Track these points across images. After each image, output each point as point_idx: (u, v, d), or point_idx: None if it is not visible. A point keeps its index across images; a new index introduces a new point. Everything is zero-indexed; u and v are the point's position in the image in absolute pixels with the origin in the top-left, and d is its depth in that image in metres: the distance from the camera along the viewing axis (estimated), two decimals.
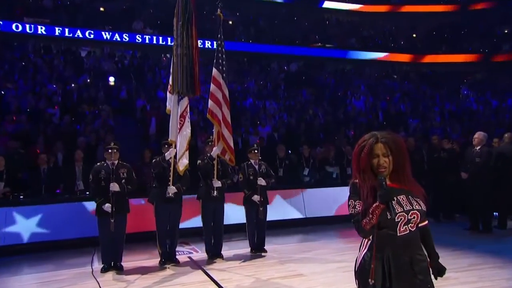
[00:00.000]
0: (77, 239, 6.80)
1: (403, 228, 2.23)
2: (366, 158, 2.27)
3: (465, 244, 6.56)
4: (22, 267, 5.87)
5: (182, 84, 5.21)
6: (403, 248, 2.24)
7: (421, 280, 2.24)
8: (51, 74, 14.22)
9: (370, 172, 2.27)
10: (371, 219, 2.17)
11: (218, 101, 5.98)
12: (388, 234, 2.22)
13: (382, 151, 2.26)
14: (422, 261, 2.28)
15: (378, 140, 2.27)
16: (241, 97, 14.73)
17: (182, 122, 5.35)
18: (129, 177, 5.70)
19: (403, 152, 2.31)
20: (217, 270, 5.60)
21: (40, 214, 6.77)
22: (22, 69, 14.32)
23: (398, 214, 2.20)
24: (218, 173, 6.15)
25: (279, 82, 17.20)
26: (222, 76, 6.06)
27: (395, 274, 2.21)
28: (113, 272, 5.53)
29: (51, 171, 7.43)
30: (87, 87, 13.48)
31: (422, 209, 2.28)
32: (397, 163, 2.28)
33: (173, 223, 5.95)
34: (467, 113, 16.60)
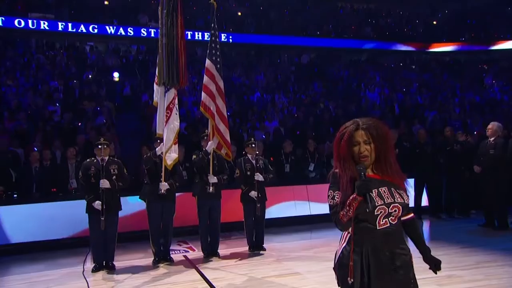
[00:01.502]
0: (70, 239, 6.89)
1: (383, 221, 2.19)
2: (346, 145, 2.23)
3: (476, 241, 6.45)
4: (11, 268, 5.97)
5: (167, 75, 5.21)
6: (383, 242, 2.19)
7: (402, 275, 2.20)
8: (53, 70, 14.45)
9: (350, 161, 2.23)
10: (348, 212, 2.14)
11: (212, 93, 5.97)
12: (367, 227, 2.19)
13: (363, 139, 2.22)
14: (403, 255, 2.23)
15: (359, 127, 2.23)
16: (249, 91, 14.74)
17: (168, 115, 5.35)
18: (120, 173, 5.74)
19: (386, 139, 2.26)
20: (211, 269, 5.61)
21: (33, 213, 6.86)
22: (24, 66, 14.60)
23: (378, 207, 2.16)
24: (214, 168, 6.15)
25: (289, 75, 17.13)
26: (216, 67, 6.05)
27: (374, 270, 2.17)
28: (104, 271, 5.59)
29: (43, 170, 7.52)
30: (90, 84, 13.64)
31: (404, 202, 2.24)
32: (380, 151, 2.23)
33: (166, 221, 5.97)
34: (490, 103, 16.25)
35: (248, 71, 16.63)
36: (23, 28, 17.14)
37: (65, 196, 7.33)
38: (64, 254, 6.54)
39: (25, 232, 6.76)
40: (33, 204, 7.01)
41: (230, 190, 7.18)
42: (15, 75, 13.65)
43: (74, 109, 11.71)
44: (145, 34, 19.06)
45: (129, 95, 13.85)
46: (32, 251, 6.65)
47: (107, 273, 5.56)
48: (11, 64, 14.48)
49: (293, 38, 20.67)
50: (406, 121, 12.84)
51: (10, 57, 15.09)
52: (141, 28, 19.12)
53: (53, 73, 14.18)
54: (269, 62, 18.36)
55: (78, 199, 6.86)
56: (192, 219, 6.87)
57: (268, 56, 19.17)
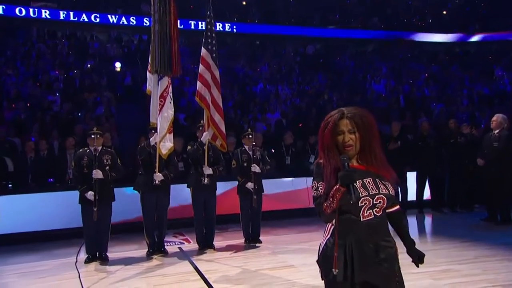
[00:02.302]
0: (66, 229, 6.92)
1: (367, 213, 2.16)
2: (330, 134, 2.20)
3: (476, 236, 6.40)
4: (5, 258, 6.01)
5: (160, 62, 5.19)
6: (367, 234, 2.17)
7: (386, 268, 2.16)
8: (54, 60, 14.48)
9: (335, 151, 2.20)
10: (331, 203, 2.10)
11: (207, 83, 5.95)
12: (350, 219, 2.16)
13: (348, 128, 2.18)
14: (388, 248, 2.20)
15: (344, 116, 2.20)
16: (252, 82, 14.69)
17: (162, 103, 5.34)
18: (113, 163, 5.75)
19: (372, 129, 2.22)
20: (205, 261, 5.62)
21: (29, 204, 6.92)
22: (25, 55, 14.64)
23: (362, 198, 2.14)
24: (209, 159, 6.14)
25: (293, 66, 17.04)
26: (212, 56, 6.02)
27: (358, 262, 2.15)
28: (97, 262, 5.62)
29: (39, 160, 7.55)
30: (90, 73, 13.66)
31: (389, 193, 2.20)
32: (365, 141, 2.20)
33: (160, 212, 5.98)
34: (499, 96, 16.06)
35: (252, 62, 16.56)
36: (24, 16, 17.14)
37: (62, 186, 7.37)
38: (59, 245, 6.59)
39: (20, 222, 6.81)
40: (28, 194, 7.06)
41: (228, 182, 7.19)
42: (16, 65, 13.70)
43: (74, 99, 11.74)
44: (147, 24, 18.90)
45: (130, 85, 13.84)
46: (28, 241, 6.71)
47: (100, 264, 5.59)
48: (12, 53, 14.53)
49: (298, 28, 20.51)
50: (411, 113, 12.75)
51: (11, 46, 15.13)
52: (143, 17, 19.03)
53: (53, 62, 14.20)
54: (273, 52, 18.26)
55: (74, 190, 6.90)
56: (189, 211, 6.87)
57: (272, 47, 19.06)
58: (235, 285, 4.63)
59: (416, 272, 4.79)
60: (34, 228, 6.87)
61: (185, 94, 12.58)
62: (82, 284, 4.73)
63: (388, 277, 2.18)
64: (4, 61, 13.74)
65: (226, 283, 4.70)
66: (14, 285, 4.86)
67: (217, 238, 6.49)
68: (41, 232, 6.90)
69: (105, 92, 12.16)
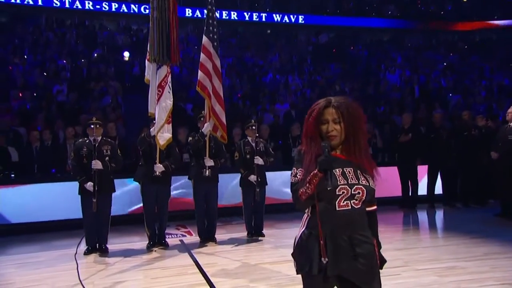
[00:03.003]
0: (69, 220, 6.97)
1: (344, 203, 2.12)
2: (314, 122, 2.17)
3: (488, 232, 6.29)
4: (5, 248, 6.09)
5: (158, 50, 5.15)
6: (342, 225, 2.12)
7: (363, 264, 2.11)
8: (62, 49, 14.56)
9: (318, 140, 2.17)
10: (307, 189, 2.08)
11: (208, 72, 5.89)
12: (326, 208, 2.12)
13: (333, 117, 2.15)
14: (365, 243, 2.15)
15: (330, 104, 2.17)
16: (262, 72, 14.60)
17: (160, 93, 5.30)
18: (113, 154, 5.76)
19: (358, 120, 2.18)
20: (205, 254, 5.62)
21: (31, 194, 6.99)
22: (33, 44, 14.75)
23: (340, 186, 2.10)
24: (211, 151, 6.11)
25: (305, 55, 16.87)
26: (213, 45, 5.95)
27: (331, 254, 2.10)
28: (96, 254, 5.66)
29: (44, 150, 7.62)
30: (98, 63, 13.71)
31: (370, 186, 2.16)
32: (349, 132, 2.16)
33: (161, 204, 5.98)
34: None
35: (262, 51, 16.44)
36: (33, 4, 17.24)
37: (64, 176, 7.42)
38: (60, 236, 6.65)
39: (22, 213, 6.89)
40: (31, 184, 7.12)
41: (233, 174, 7.16)
42: (23, 53, 13.82)
43: (81, 88, 11.80)
44: None
45: (139, 75, 13.83)
46: (29, 232, 6.80)
47: (99, 255, 5.63)
48: (20, 42, 14.65)
49: (311, 16, 20.29)
50: (426, 104, 12.55)
51: (19, 34, 15.25)
52: None
53: (61, 51, 14.28)
54: (285, 42, 18.10)
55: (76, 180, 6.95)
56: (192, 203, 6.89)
57: (284, 36, 18.90)
58: (233, 279, 4.61)
59: (420, 269, 4.82)
60: (36, 219, 6.94)
61: (193, 85, 12.54)
62: (79, 276, 4.76)
63: (364, 273, 2.12)
64: (12, 50, 13.87)
65: (224, 277, 4.68)
66: (11, 276, 4.90)
67: (219, 231, 6.49)
68: (43, 223, 6.96)
69: (112, 81, 12.18)
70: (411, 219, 7.91)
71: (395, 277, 4.52)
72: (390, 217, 7.98)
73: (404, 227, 7.44)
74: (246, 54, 15.95)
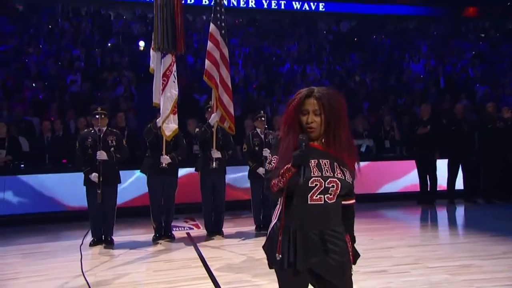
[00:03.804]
0: (79, 211, 7.09)
1: (317, 196, 2.10)
2: (293, 112, 2.16)
3: (509, 230, 6.18)
4: (12, 238, 6.25)
5: (162, 39, 5.16)
6: (313, 219, 2.11)
7: (334, 259, 2.11)
8: (77, 38, 14.76)
9: (296, 129, 2.16)
10: (279, 181, 2.08)
11: (216, 61, 5.88)
12: (297, 201, 2.12)
13: (313, 108, 2.14)
14: (336, 239, 2.14)
15: (312, 95, 2.15)
16: (279, 62, 14.51)
17: (165, 82, 5.32)
18: (118, 145, 5.83)
19: (339, 112, 2.16)
20: (210, 248, 5.66)
21: (40, 184, 7.15)
22: (48, 34, 15.00)
23: (313, 178, 2.09)
24: (218, 142, 6.12)
25: (325, 45, 16.69)
26: (221, 33, 5.93)
27: (301, 248, 2.10)
28: (101, 246, 5.76)
29: (55, 140, 7.76)
30: (112, 52, 13.85)
31: (345, 179, 2.13)
32: (329, 124, 2.14)
33: (167, 196, 6.04)
34: None
35: (280, 41, 16.33)
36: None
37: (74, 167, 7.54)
38: (68, 227, 6.81)
39: (31, 203, 7.06)
40: (40, 174, 7.28)
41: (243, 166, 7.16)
42: (38, 43, 14.07)
43: (94, 78, 11.97)
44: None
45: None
46: (37, 222, 6.96)
47: (104, 247, 5.72)
48: (35, 31, 14.91)
49: (332, 4, 19.98)
50: (451, 96, 12.30)
51: (35, 24, 15.52)
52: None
53: (76, 41, 14.48)
54: (304, 30, 17.91)
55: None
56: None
57: (303, 24, 18.69)
58: (236, 273, 4.63)
59: (432, 267, 4.75)
60: (45, 209, 7.10)
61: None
62: (82, 267, 4.84)
63: (335, 268, 2.12)
64: (27, 40, 14.14)
65: (228, 271, 4.70)
66: (17, 266, 5.03)
67: (227, 224, 6.52)
68: (52, 213, 7.12)
69: (125, 71, 12.31)
70: (429, 215, 7.77)
71: (403, 275, 4.48)
72: (407, 213, 7.90)
73: (420, 223, 7.34)
74: (263, 43, 15.88)
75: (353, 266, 2.22)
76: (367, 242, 5.64)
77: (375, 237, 5.96)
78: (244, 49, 15.32)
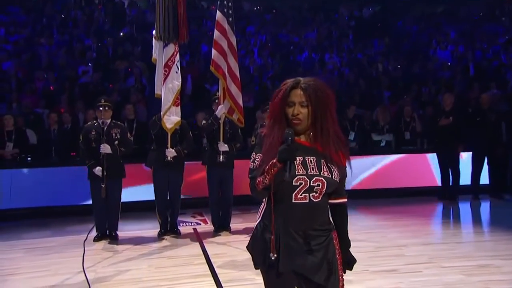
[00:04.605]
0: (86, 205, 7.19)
1: (302, 195, 2.08)
2: (279, 104, 2.14)
3: None
4: (19, 232, 6.41)
5: (164, 28, 5.16)
6: (297, 219, 2.09)
7: (320, 258, 2.09)
8: (89, 27, 14.93)
9: (282, 123, 2.13)
10: (264, 178, 2.05)
11: (223, 51, 5.86)
12: (281, 199, 2.10)
13: (300, 99, 2.11)
14: (321, 236, 2.12)
15: (298, 85, 2.13)
16: (297, 50, 14.41)
17: (166, 73, 5.33)
18: (122, 138, 5.88)
19: (326, 105, 2.13)
20: (216, 244, 5.69)
21: (47, 178, 7.29)
22: (61, 23, 15.21)
23: (298, 176, 2.06)
24: (226, 135, 6.12)
25: (346, 31, 16.48)
26: (228, 20, 5.90)
27: (284, 249, 2.08)
28: (105, 241, 5.84)
29: (62, 132, 7.88)
30: (124, 42, 13.97)
31: (331, 178, 2.10)
32: (316, 117, 2.11)
33: (173, 190, 6.08)
34: None
35: (298, 28, 16.19)
36: None
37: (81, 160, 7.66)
38: (75, 221, 6.93)
39: (38, 197, 7.19)
40: (47, 168, 7.42)
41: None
42: (51, 33, 14.28)
43: (106, 69, 12.10)
44: None
45: None
46: (44, 216, 7.11)
47: (108, 243, 5.81)
48: (48, 21, 15.14)
49: None
50: (481, 84, 11.99)
51: (48, 13, 15.75)
52: None
53: (88, 30, 14.64)
54: (324, 17, 17.71)
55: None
56: None
57: (324, 10, 18.47)
58: (239, 270, 4.64)
59: (446, 266, 4.67)
60: (52, 203, 7.24)
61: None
62: (83, 263, 4.92)
63: (318, 266, 2.09)
64: (40, 30, 14.37)
65: (231, 268, 4.72)
66: (19, 261, 5.16)
67: (235, 219, 6.53)
68: (59, 207, 7.26)
69: (137, 61, 12.40)
70: (450, 212, 7.64)
71: (414, 274, 4.42)
72: (427, 209, 7.79)
73: (439, 220, 7.24)
74: (281, 30, 15.78)
75: (360, 265, 2.18)
76: (379, 239, 5.58)
77: (389, 234, 5.90)
78: (261, 36, 15.25)
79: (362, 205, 7.69)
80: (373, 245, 5.38)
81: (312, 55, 13.77)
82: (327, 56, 13.83)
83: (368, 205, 7.82)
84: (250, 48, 14.25)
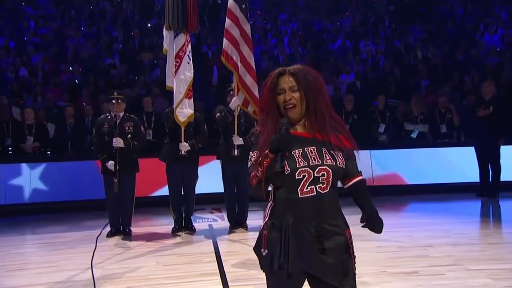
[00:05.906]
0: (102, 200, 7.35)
1: (308, 188, 2.04)
2: (269, 94, 2.13)
3: None
4: (35, 227, 6.64)
5: (173, 17, 5.16)
6: (306, 214, 2.05)
7: (331, 258, 2.03)
8: (117, 19, 15.21)
9: (275, 114, 2.12)
10: (257, 171, 2.02)
11: (235, 40, 5.80)
12: (287, 196, 2.06)
13: (289, 85, 2.10)
14: (336, 234, 2.07)
15: (285, 72, 2.12)
16: (329, 38, 14.19)
17: (178, 64, 5.33)
18: (135, 132, 5.94)
19: (317, 88, 2.10)
20: (230, 241, 5.71)
21: (65, 172, 7.49)
22: (89, 15, 15.58)
23: (300, 169, 2.03)
24: (241, 128, 6.08)
25: (383, 17, 16.08)
26: (241, 7, 5.83)
27: (294, 248, 2.03)
28: (119, 237, 5.95)
29: (79, 126, 8.07)
30: (151, 33, 14.15)
31: (337, 165, 2.06)
32: (309, 101, 2.09)
33: (187, 185, 6.10)
34: None
35: (333, 14, 15.94)
36: None
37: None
38: (92, 216, 7.08)
39: (56, 191, 7.40)
40: (65, 162, 7.62)
41: None
42: (79, 25, 14.66)
43: (132, 61, 12.30)
44: None
45: (194, 45, 14.06)
46: (61, 211, 7.31)
47: (121, 239, 5.91)
48: (76, 13, 15.52)
49: None
50: None
51: (76, 5, 16.15)
52: None
53: (116, 22, 14.92)
54: (361, 1, 17.34)
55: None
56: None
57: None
58: (248, 270, 4.61)
59: (473, 269, 4.49)
60: (68, 198, 7.44)
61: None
62: (92, 260, 5.02)
63: (333, 268, 2.03)
64: (68, 22, 14.77)
65: (240, 267, 4.70)
66: (29, 256, 5.34)
67: (253, 216, 6.48)
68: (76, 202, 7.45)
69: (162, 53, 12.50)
70: (489, 210, 7.35)
71: (435, 277, 4.27)
72: (462, 206, 7.53)
73: (474, 219, 6.93)
74: (314, 18, 15.57)
75: (378, 266, 2.12)
76: (403, 239, 5.42)
77: (415, 233, 5.72)
78: (292, 24, 15.11)
79: (395, 202, 7.55)
80: (395, 244, 5.22)
81: (346, 43, 13.53)
82: (362, 43, 13.54)
83: (400, 202, 7.66)
84: (281, 37, 14.16)
